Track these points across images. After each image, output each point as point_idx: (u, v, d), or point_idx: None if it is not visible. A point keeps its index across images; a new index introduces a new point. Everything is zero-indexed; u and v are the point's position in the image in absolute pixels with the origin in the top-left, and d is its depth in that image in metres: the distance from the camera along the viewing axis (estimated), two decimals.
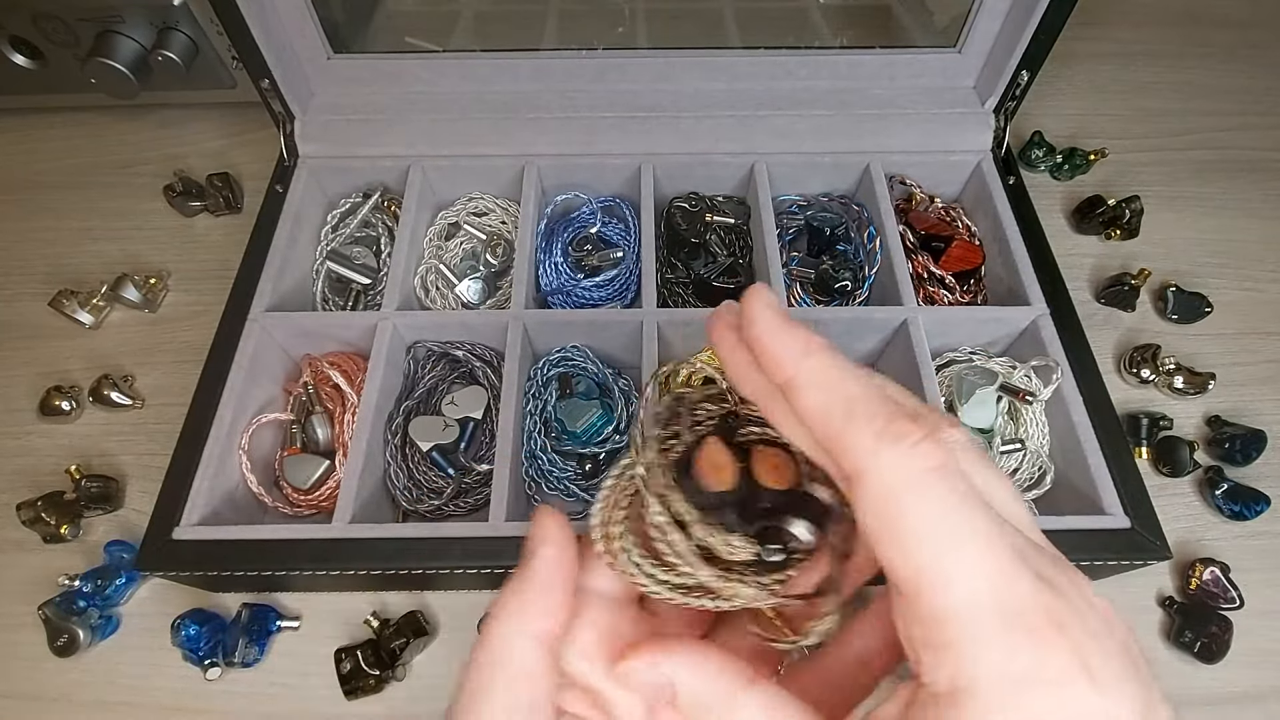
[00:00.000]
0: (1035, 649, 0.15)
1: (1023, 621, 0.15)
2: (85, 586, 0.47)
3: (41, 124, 0.70)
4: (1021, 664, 0.15)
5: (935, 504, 0.16)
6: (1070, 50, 0.72)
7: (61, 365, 0.57)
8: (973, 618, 0.16)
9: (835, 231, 0.56)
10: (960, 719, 0.15)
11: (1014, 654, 0.15)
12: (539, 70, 0.57)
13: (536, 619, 0.20)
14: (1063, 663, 0.15)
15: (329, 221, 0.58)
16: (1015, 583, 0.16)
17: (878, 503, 0.17)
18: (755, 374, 0.20)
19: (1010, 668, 0.15)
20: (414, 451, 0.49)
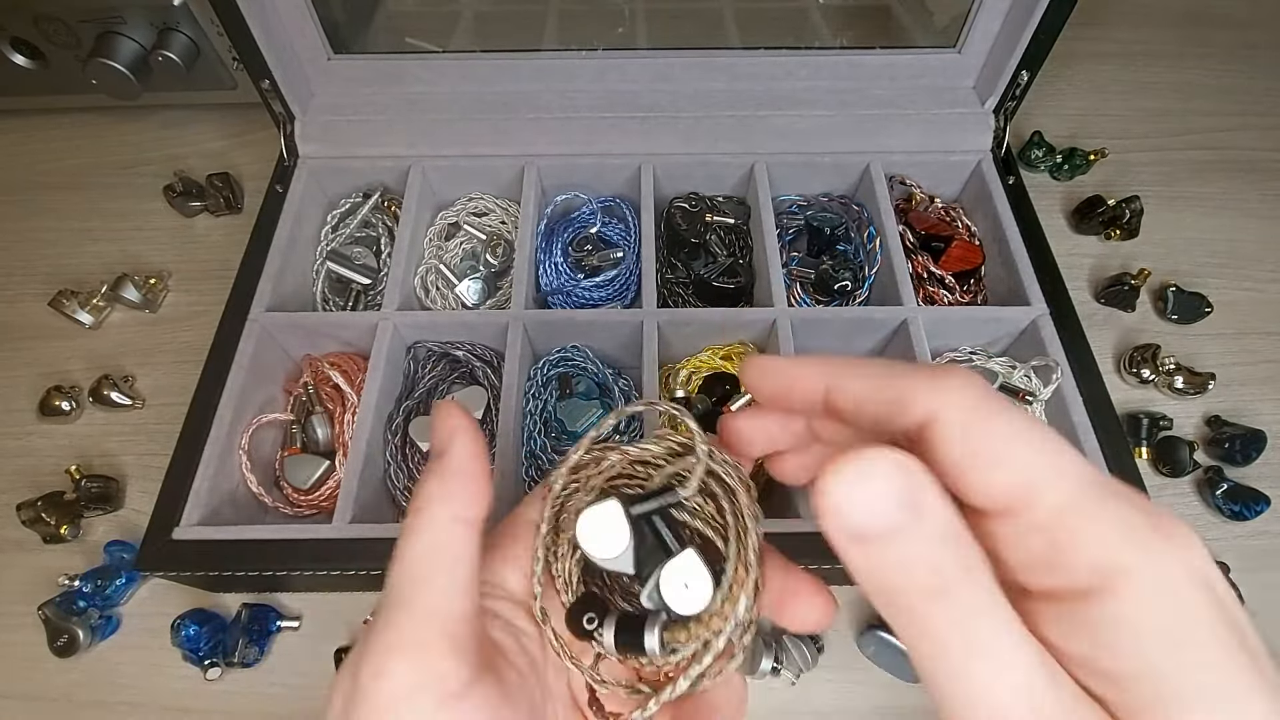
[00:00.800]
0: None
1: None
2: (85, 586, 0.47)
3: (42, 125, 0.70)
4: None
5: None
6: (1070, 50, 0.72)
7: (62, 365, 0.57)
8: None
9: (835, 231, 0.56)
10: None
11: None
12: (539, 70, 0.58)
13: (465, 506, 0.21)
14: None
15: (329, 221, 0.58)
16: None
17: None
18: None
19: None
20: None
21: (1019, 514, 0.16)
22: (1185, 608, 0.15)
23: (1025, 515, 0.16)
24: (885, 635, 0.44)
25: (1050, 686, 0.15)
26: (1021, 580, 0.17)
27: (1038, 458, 0.16)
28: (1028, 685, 0.15)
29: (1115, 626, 0.15)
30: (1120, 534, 0.16)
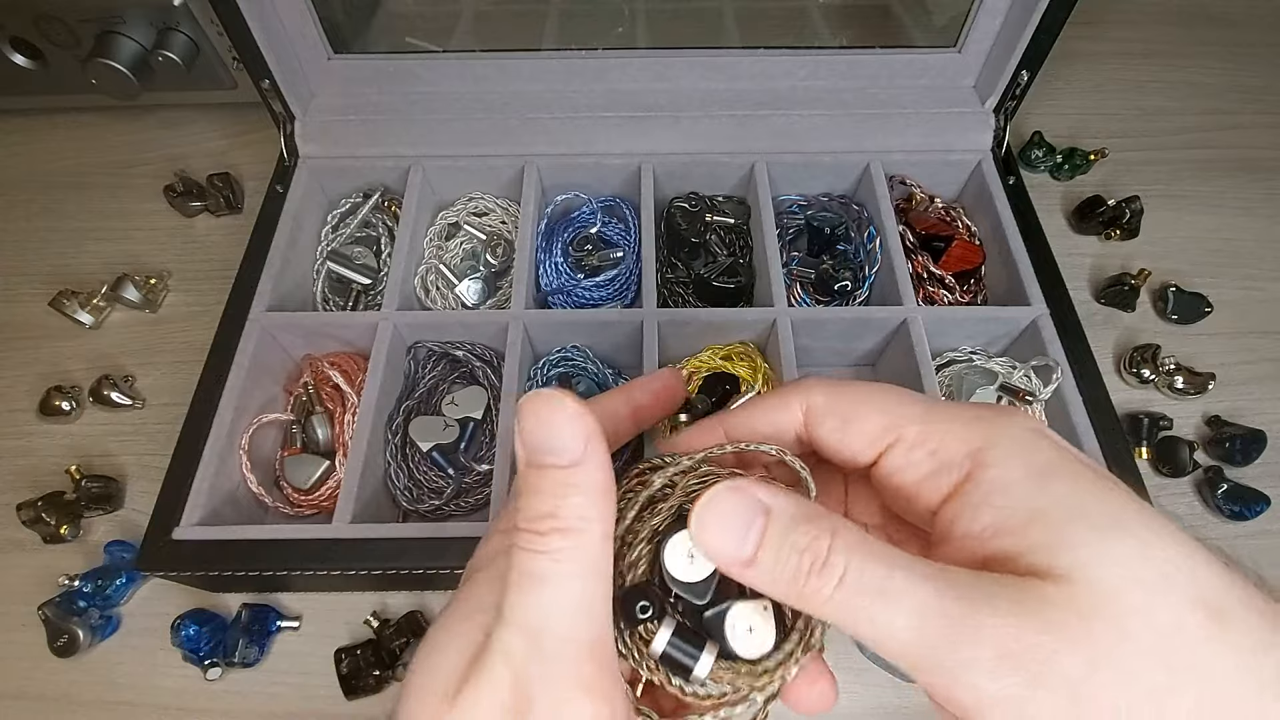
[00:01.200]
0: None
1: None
2: (85, 586, 0.47)
3: (42, 124, 0.70)
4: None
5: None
6: (1070, 50, 0.72)
7: (62, 365, 0.57)
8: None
9: (835, 231, 0.56)
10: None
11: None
12: (539, 70, 0.58)
13: (609, 522, 0.20)
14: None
15: (329, 221, 0.58)
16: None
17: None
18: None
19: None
20: (414, 451, 0.49)
21: (897, 442, 0.22)
22: (1040, 452, 0.20)
23: (902, 441, 0.22)
24: None
25: (937, 589, 0.18)
26: (924, 502, 0.21)
27: (890, 396, 0.23)
28: (920, 604, 0.17)
29: (997, 488, 0.19)
30: (971, 423, 0.21)
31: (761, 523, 0.19)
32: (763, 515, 0.19)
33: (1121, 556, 0.17)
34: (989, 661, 0.17)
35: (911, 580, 0.18)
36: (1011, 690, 0.17)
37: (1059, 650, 0.17)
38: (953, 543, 0.20)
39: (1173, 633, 0.17)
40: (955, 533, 0.20)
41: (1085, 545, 0.18)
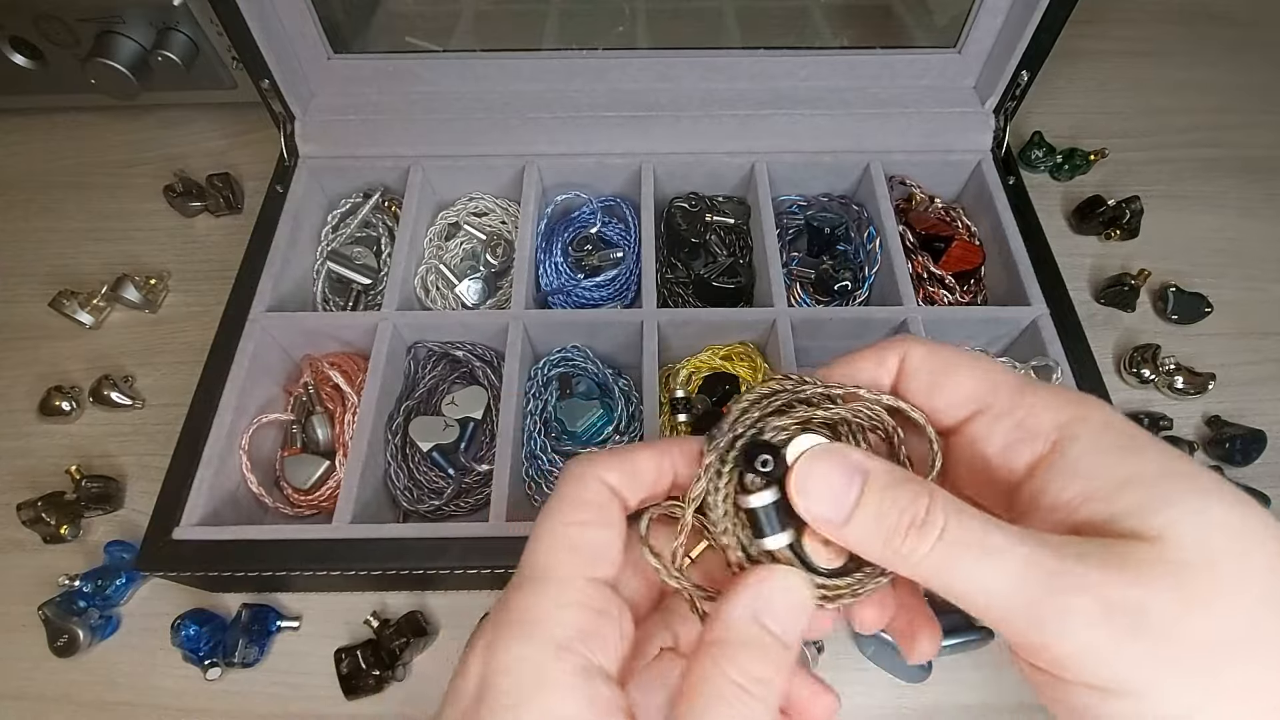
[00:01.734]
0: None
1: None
2: (85, 586, 0.47)
3: (42, 124, 0.70)
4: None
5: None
6: (1070, 49, 0.72)
7: (62, 365, 0.57)
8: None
9: (835, 231, 0.56)
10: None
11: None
12: (539, 70, 0.57)
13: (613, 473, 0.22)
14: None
15: (329, 221, 0.58)
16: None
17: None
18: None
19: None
20: (414, 451, 0.49)
21: (985, 410, 0.22)
22: (1126, 428, 0.21)
23: (991, 409, 0.22)
24: (885, 635, 0.44)
25: (1034, 546, 0.18)
26: (1004, 473, 0.22)
27: (985, 363, 0.23)
28: (1019, 558, 0.18)
29: (1086, 458, 0.20)
30: (1060, 400, 0.22)
31: (859, 483, 0.20)
32: (860, 477, 0.21)
33: (1211, 515, 0.18)
34: (1087, 612, 0.17)
35: (1009, 538, 0.19)
36: (1109, 639, 0.17)
37: (1156, 601, 0.17)
38: (1039, 513, 0.21)
39: (1265, 581, 0.18)
40: (1042, 503, 0.21)
41: (1175, 506, 0.18)
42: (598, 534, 0.22)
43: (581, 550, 0.22)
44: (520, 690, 0.19)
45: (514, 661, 0.20)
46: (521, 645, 0.20)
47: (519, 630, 0.20)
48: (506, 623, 0.21)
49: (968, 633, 0.45)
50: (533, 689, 0.20)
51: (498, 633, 0.21)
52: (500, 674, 0.20)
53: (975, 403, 0.23)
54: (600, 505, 0.22)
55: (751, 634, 0.20)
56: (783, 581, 0.21)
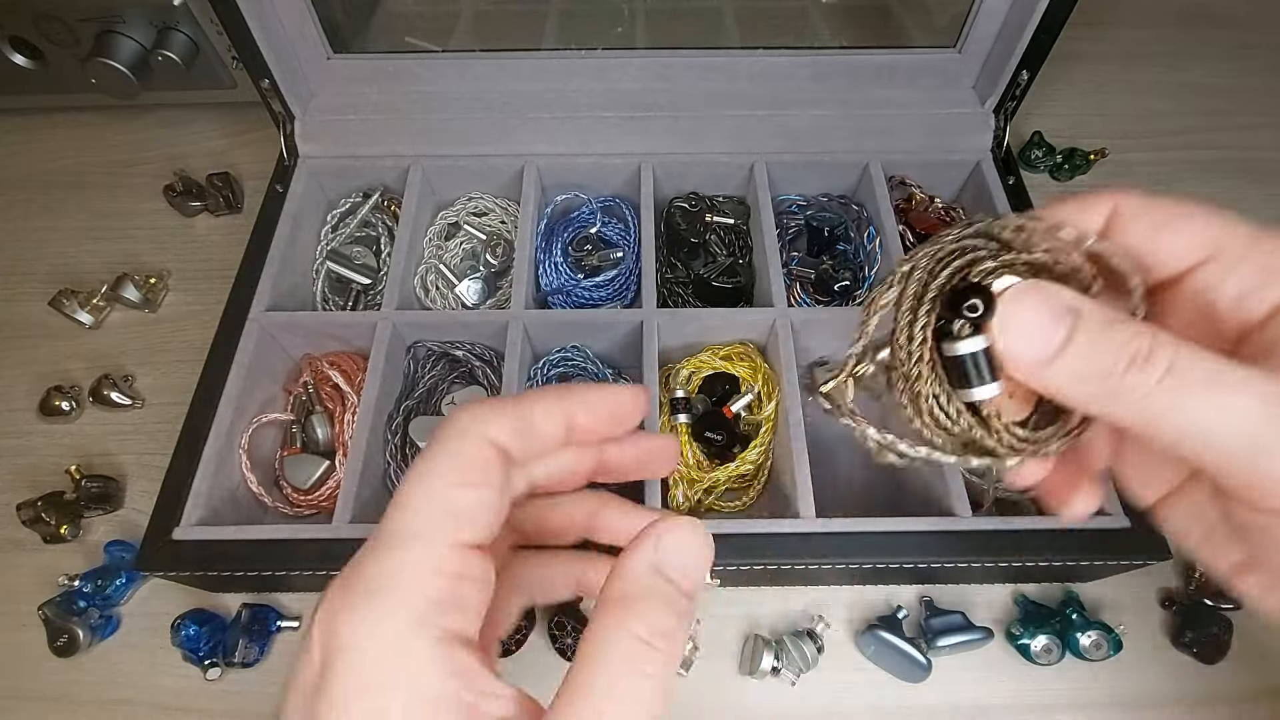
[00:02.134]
0: None
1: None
2: (85, 586, 0.47)
3: (42, 124, 0.70)
4: None
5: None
6: (1070, 50, 0.72)
7: (61, 365, 0.57)
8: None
9: (835, 231, 0.56)
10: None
11: None
12: (539, 70, 0.57)
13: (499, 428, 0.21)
14: None
15: (329, 221, 0.58)
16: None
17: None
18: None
19: None
20: (414, 451, 0.49)
21: (1219, 254, 0.21)
22: None
23: (1225, 252, 0.21)
24: (885, 635, 0.44)
25: (1274, 380, 0.17)
26: (1239, 319, 0.21)
27: (1213, 211, 0.21)
28: (1259, 391, 0.17)
29: None
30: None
31: (1070, 320, 0.19)
32: (1070, 315, 0.19)
33: None
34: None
35: (1246, 373, 0.17)
36: None
37: None
38: (1277, 358, 0.19)
39: None
40: (1273, 355, 0.19)
41: None
42: (479, 495, 0.20)
43: (460, 514, 0.20)
44: (372, 669, 0.17)
45: (364, 638, 0.18)
46: (375, 617, 0.18)
47: (373, 600, 0.18)
48: (358, 590, 0.19)
49: (968, 632, 0.45)
50: (389, 667, 0.18)
51: (345, 600, 0.19)
52: (347, 651, 0.18)
53: (1204, 249, 0.21)
54: (484, 464, 0.21)
55: (654, 585, 0.19)
56: (682, 530, 0.20)
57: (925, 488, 0.45)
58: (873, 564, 0.41)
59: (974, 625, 0.46)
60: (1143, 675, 0.46)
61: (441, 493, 0.20)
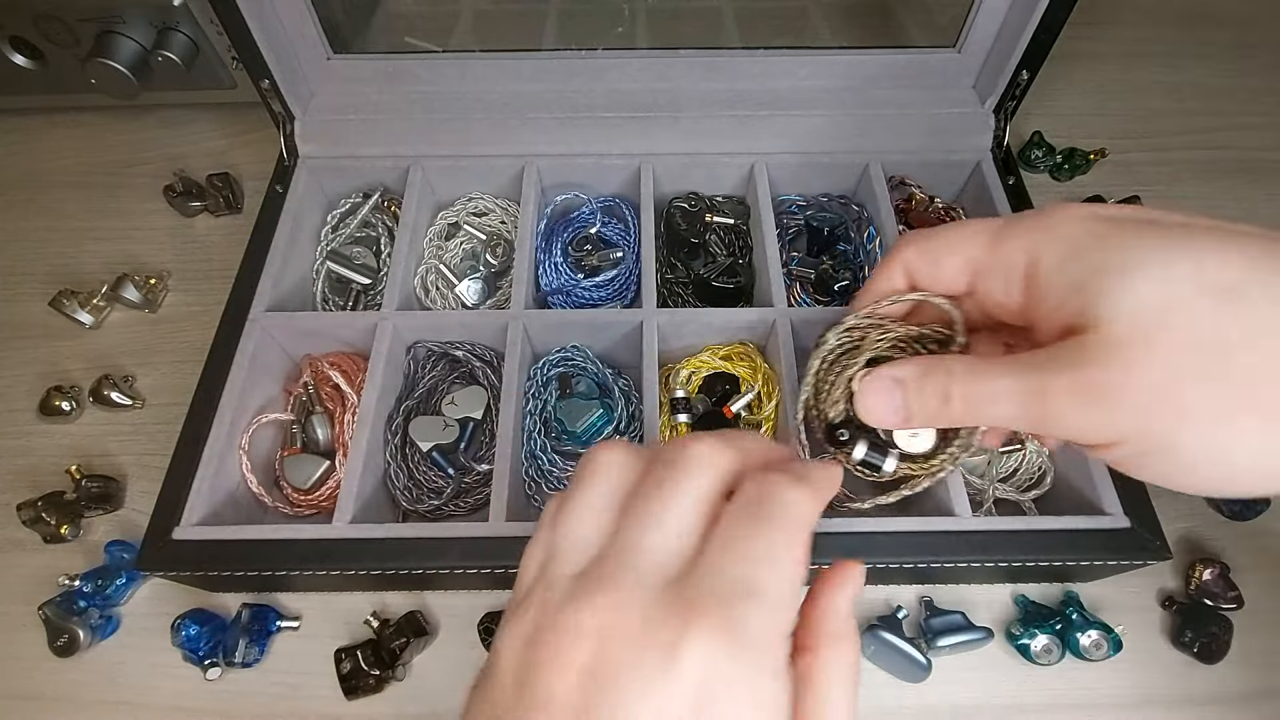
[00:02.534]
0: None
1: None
2: (85, 586, 0.47)
3: (42, 124, 0.70)
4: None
5: None
6: (1070, 50, 0.72)
7: (61, 365, 0.57)
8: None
9: (835, 231, 0.56)
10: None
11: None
12: (539, 70, 0.57)
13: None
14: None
15: (329, 221, 0.58)
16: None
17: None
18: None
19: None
20: (414, 451, 0.49)
21: (977, 270, 0.29)
22: (1078, 236, 0.26)
23: (978, 272, 0.29)
24: (885, 635, 0.44)
25: (1022, 378, 0.26)
26: (1013, 308, 0.28)
27: (964, 235, 0.30)
28: (1014, 393, 0.26)
29: (1044, 278, 0.26)
30: (1026, 234, 0.27)
31: (899, 393, 0.29)
32: (900, 388, 0.29)
33: (1137, 296, 0.23)
34: (1069, 402, 0.24)
35: (1007, 378, 0.26)
36: (1090, 413, 0.24)
37: (1108, 376, 0.23)
38: (1040, 330, 0.27)
39: (1188, 322, 0.22)
40: (1039, 325, 0.27)
41: (1106, 295, 0.24)
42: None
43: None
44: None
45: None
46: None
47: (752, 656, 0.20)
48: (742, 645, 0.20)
49: (968, 632, 0.45)
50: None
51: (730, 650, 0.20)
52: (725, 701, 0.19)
53: (967, 272, 0.30)
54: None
55: (851, 627, 0.24)
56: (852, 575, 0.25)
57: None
58: (872, 564, 0.41)
59: (974, 625, 0.46)
60: (1143, 675, 0.46)
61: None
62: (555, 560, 0.23)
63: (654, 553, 0.21)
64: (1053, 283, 0.26)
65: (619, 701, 0.19)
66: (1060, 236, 0.26)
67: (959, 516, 0.42)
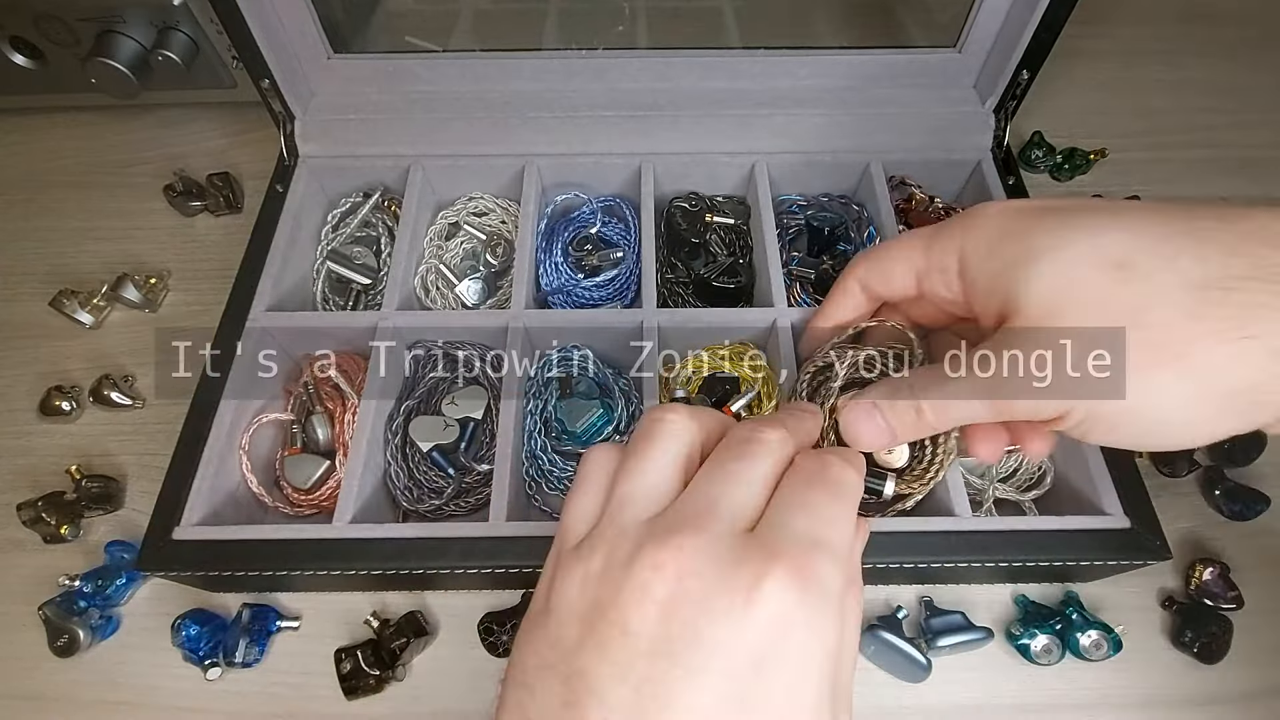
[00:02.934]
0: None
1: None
2: (85, 586, 0.47)
3: (42, 124, 0.70)
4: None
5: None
6: (1070, 49, 0.72)
7: (62, 365, 0.57)
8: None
9: (835, 231, 0.56)
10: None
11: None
12: (539, 70, 0.57)
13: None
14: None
15: (329, 221, 0.58)
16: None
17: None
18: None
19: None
20: (414, 451, 0.49)
21: (920, 276, 0.33)
22: (996, 229, 0.29)
23: (921, 277, 0.33)
24: (885, 635, 0.44)
25: (973, 381, 0.29)
26: (961, 305, 0.32)
27: (903, 247, 0.34)
28: (975, 392, 0.29)
29: (972, 274, 0.30)
30: (952, 237, 0.31)
31: (879, 415, 0.32)
32: (876, 409, 0.32)
33: (1045, 281, 0.27)
34: (1021, 388, 0.27)
35: (966, 385, 0.29)
36: (1041, 392, 0.27)
37: (1041, 355, 0.26)
38: (982, 318, 0.31)
39: (1092, 297, 0.26)
40: (980, 314, 0.31)
41: (1021, 284, 0.27)
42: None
43: None
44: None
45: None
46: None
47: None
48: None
49: (968, 632, 0.45)
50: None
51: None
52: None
53: (911, 280, 0.33)
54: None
55: (860, 573, 0.27)
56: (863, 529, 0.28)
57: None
58: (872, 564, 0.41)
59: (974, 625, 0.46)
60: (1143, 675, 0.46)
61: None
62: (624, 508, 0.24)
63: (730, 505, 0.23)
64: (979, 277, 0.29)
65: (697, 634, 0.20)
66: (979, 235, 0.29)
67: (959, 516, 0.42)
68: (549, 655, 0.22)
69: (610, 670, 0.20)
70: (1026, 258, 0.27)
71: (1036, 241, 0.27)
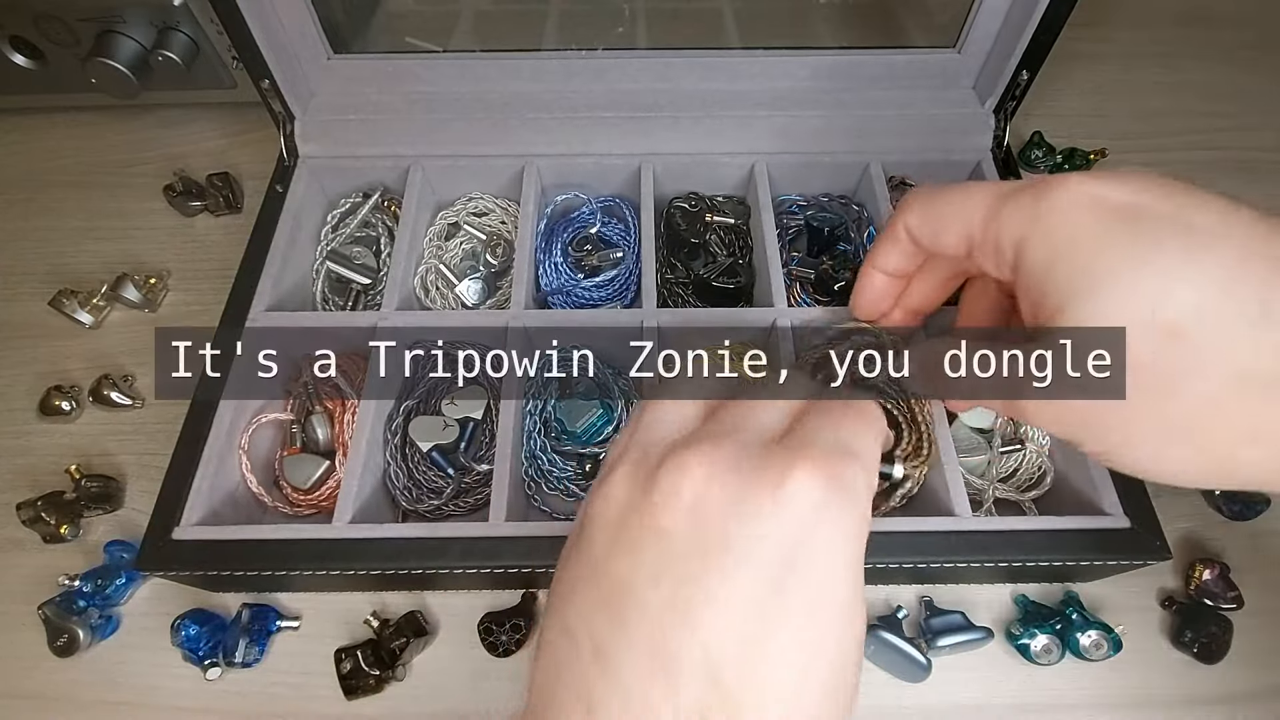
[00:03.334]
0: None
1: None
2: (85, 586, 0.47)
3: (41, 124, 0.70)
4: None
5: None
6: (1070, 50, 0.71)
7: (61, 365, 0.57)
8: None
9: (835, 231, 0.56)
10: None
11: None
12: (539, 70, 0.57)
13: None
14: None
15: (329, 221, 0.58)
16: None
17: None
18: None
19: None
20: (414, 451, 0.49)
21: (973, 243, 0.30)
22: (1065, 227, 0.26)
23: (974, 242, 0.30)
24: (885, 635, 0.44)
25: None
26: (1005, 280, 0.30)
27: (967, 204, 0.30)
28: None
29: (1032, 270, 0.27)
30: (1020, 210, 0.28)
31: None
32: (933, 349, 0.31)
33: (1096, 307, 0.25)
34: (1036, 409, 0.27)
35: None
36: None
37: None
38: (1023, 306, 0.29)
39: (1136, 354, 0.24)
40: (1021, 303, 0.29)
41: (1071, 308, 0.25)
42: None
43: None
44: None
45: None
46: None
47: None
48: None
49: (968, 632, 0.45)
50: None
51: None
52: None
53: (965, 242, 0.30)
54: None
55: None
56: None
57: (925, 486, 0.45)
58: (872, 564, 0.41)
59: (974, 625, 0.46)
60: (1143, 675, 0.46)
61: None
62: (651, 430, 0.25)
63: (756, 423, 0.24)
64: (1032, 280, 0.27)
65: (728, 531, 0.21)
66: (1046, 232, 0.27)
67: (959, 516, 0.42)
68: (583, 570, 0.22)
69: (646, 573, 0.21)
70: (1087, 286, 0.25)
71: (1104, 264, 0.25)
